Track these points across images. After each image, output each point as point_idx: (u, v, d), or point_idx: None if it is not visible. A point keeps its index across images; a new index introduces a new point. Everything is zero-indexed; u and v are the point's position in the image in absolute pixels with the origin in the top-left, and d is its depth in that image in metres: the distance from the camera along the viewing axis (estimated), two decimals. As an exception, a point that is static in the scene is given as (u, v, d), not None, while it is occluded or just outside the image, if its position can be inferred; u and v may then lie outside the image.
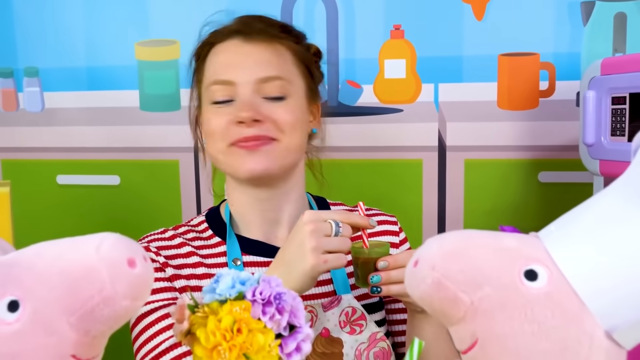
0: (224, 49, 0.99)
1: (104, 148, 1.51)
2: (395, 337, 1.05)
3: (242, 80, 0.95)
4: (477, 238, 0.50)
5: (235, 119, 0.94)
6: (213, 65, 0.99)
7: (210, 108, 0.98)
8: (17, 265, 0.48)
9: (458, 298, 0.48)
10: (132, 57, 1.47)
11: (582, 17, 1.31)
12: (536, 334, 0.46)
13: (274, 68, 0.97)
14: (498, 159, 1.36)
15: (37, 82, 1.51)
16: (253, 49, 0.97)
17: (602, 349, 0.46)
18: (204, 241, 1.01)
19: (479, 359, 0.49)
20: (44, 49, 1.50)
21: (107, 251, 0.47)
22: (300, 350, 0.57)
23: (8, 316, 0.46)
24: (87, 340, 0.48)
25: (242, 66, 0.96)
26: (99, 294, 0.46)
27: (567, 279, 0.47)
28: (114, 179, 1.52)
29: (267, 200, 1.01)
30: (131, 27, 1.47)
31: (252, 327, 0.54)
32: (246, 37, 0.98)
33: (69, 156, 1.53)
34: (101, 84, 1.49)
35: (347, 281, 1.00)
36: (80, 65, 1.49)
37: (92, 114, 1.51)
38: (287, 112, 0.96)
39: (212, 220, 1.05)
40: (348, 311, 0.95)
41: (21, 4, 1.50)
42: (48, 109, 1.52)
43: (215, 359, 0.53)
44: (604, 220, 0.48)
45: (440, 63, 1.37)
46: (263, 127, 0.94)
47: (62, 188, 1.53)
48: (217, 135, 0.96)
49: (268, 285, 0.56)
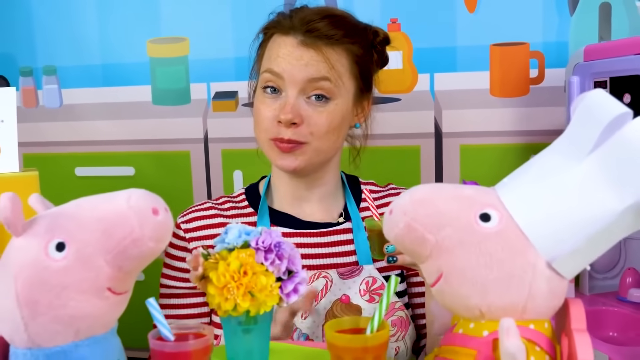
0: (282, 42, 1.05)
1: (119, 141, 1.61)
2: (415, 310, 1.13)
3: (290, 78, 1.03)
4: (441, 188, 0.61)
5: (277, 118, 1.03)
6: (271, 52, 1.07)
7: (260, 95, 1.08)
8: (62, 215, 0.60)
9: (425, 238, 0.59)
10: (144, 54, 1.57)
11: (569, 7, 1.40)
12: (488, 265, 0.58)
13: (323, 70, 1.03)
14: (492, 144, 1.45)
15: (55, 79, 1.62)
16: (306, 53, 1.03)
17: (543, 277, 0.58)
18: (239, 210, 1.14)
19: (444, 289, 0.60)
20: (61, 49, 1.60)
21: (135, 202, 0.59)
22: (297, 292, 0.69)
23: (56, 255, 0.58)
24: (120, 276, 0.60)
25: (293, 65, 1.03)
26: (130, 236, 0.58)
27: (514, 219, 0.58)
28: (128, 170, 1.62)
29: (300, 182, 1.12)
30: (143, 26, 1.57)
31: (256, 270, 0.66)
32: (304, 38, 1.04)
33: (86, 149, 1.63)
34: (115, 80, 1.59)
35: (369, 253, 1.08)
36: (95, 63, 1.60)
37: (107, 108, 1.61)
38: (325, 117, 1.04)
39: (249, 193, 1.17)
40: (368, 280, 1.04)
41: (39, 7, 1.60)
42: (66, 104, 1.63)
43: (225, 295, 0.64)
44: (546, 170, 0.59)
45: (435, 54, 1.45)
46: (297, 130, 1.03)
47: (80, 179, 1.64)
48: (261, 126, 1.06)
49: (269, 235, 0.67)
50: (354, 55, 1.07)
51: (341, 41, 1.05)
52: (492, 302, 0.58)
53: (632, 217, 0.55)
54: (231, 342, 0.69)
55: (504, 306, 0.57)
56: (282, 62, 1.04)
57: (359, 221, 1.11)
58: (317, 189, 1.13)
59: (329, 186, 1.14)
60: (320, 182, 1.13)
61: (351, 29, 1.08)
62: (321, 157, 1.08)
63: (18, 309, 0.58)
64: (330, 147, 1.08)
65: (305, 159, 1.05)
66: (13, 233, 0.59)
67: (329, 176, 1.13)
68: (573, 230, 0.56)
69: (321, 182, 1.13)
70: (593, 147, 0.57)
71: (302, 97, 1.04)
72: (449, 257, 0.59)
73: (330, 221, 1.13)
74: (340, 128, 1.08)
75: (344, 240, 1.11)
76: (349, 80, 1.07)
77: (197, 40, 1.55)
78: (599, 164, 0.56)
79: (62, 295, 0.58)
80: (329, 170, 1.13)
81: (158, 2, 1.56)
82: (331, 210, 1.14)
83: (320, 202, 1.14)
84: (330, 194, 1.14)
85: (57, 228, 0.59)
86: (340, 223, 1.12)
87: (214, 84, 1.56)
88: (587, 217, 0.56)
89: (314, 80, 1.03)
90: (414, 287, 1.14)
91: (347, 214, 1.14)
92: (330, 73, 1.04)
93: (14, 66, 1.63)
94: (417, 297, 1.13)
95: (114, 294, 0.60)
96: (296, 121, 1.02)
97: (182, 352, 0.59)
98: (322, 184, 1.13)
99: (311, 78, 1.03)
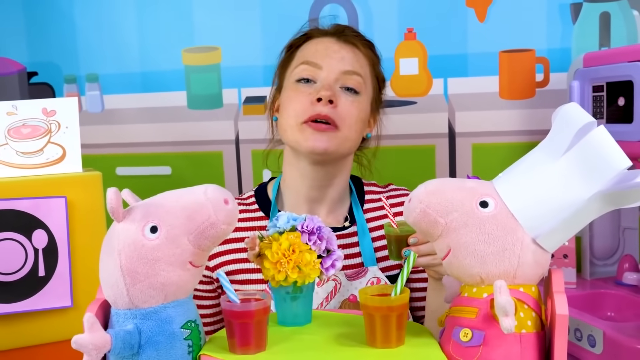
0: (318, 42, 1.20)
1: (156, 142, 1.79)
2: (413, 302, 1.26)
3: (328, 67, 1.16)
4: (449, 181, 0.81)
5: (316, 96, 1.13)
6: (306, 51, 1.20)
7: (292, 85, 1.18)
8: (153, 205, 0.80)
9: (437, 221, 0.79)
10: (180, 62, 1.75)
11: (572, 16, 1.55)
12: (487, 241, 0.77)
13: (356, 66, 1.18)
14: (501, 142, 1.61)
15: (97, 86, 1.81)
16: (342, 48, 1.18)
17: (530, 250, 0.77)
18: (250, 213, 1.25)
19: (452, 262, 0.79)
20: (103, 58, 1.79)
21: (211, 193, 0.79)
22: (334, 267, 0.88)
23: (151, 235, 0.78)
24: (198, 252, 0.80)
25: (331, 57, 1.17)
26: (207, 220, 0.78)
27: (507, 205, 0.77)
28: (165, 169, 1.80)
29: (316, 178, 1.20)
30: (178, 36, 1.75)
31: (302, 249, 0.85)
32: (339, 38, 1.20)
33: (126, 150, 1.81)
34: (153, 86, 1.77)
35: (373, 255, 1.21)
36: (134, 71, 1.78)
37: (145, 113, 1.79)
38: (355, 107, 1.16)
39: (259, 196, 1.27)
40: (373, 281, 1.18)
41: (82, 19, 1.79)
42: (107, 109, 1.82)
43: (278, 269, 0.84)
44: (532, 166, 0.78)
45: (448, 60, 1.62)
46: (334, 110, 1.13)
47: (121, 179, 1.82)
48: (294, 111, 1.15)
49: (312, 221, 0.87)
50: (374, 64, 1.24)
51: (363, 46, 1.22)
52: (489, 271, 0.77)
53: (598, 203, 0.73)
54: (281, 308, 0.89)
55: (499, 273, 0.76)
56: (320, 55, 1.17)
57: (364, 225, 1.23)
58: (329, 191, 1.22)
59: (339, 189, 1.24)
60: (334, 182, 1.22)
61: (369, 43, 1.26)
62: (345, 147, 1.17)
63: (122, 277, 0.78)
64: (355, 139, 1.18)
65: (335, 144, 1.14)
66: (116, 219, 0.79)
67: (340, 178, 1.23)
68: (552, 214, 0.75)
69: (334, 183, 1.22)
70: (567, 148, 0.75)
71: (336, 85, 1.16)
72: (456, 235, 0.78)
73: (337, 225, 1.24)
74: (363, 124, 1.20)
75: (350, 244, 1.22)
76: (369, 85, 1.22)
77: (229, 49, 1.73)
78: (572, 161, 0.75)
79: (155, 267, 0.77)
80: (342, 172, 1.22)
81: (192, 13, 1.74)
82: (337, 214, 1.25)
83: (329, 206, 1.23)
84: (339, 198, 1.25)
85: (151, 215, 0.79)
86: (346, 227, 1.23)
87: (245, 89, 1.74)
88: (563, 202, 0.75)
89: (348, 72, 1.16)
90: (415, 283, 1.25)
91: (352, 217, 1.25)
92: (362, 70, 1.18)
93: (59, 74, 1.83)
94: (418, 291, 1.25)
95: (193, 267, 0.80)
96: (333, 99, 1.13)
97: (247, 311, 0.78)
98: (335, 185, 1.22)
99: (346, 70, 1.16)
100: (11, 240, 1.13)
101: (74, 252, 1.17)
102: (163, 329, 0.78)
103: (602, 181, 0.73)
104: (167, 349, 0.78)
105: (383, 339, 0.79)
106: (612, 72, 1.29)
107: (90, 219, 1.20)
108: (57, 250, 1.15)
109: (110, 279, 0.79)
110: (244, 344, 0.79)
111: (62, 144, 1.26)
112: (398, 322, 0.78)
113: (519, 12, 1.58)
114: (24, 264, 1.14)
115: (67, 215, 1.16)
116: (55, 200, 1.16)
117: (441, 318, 0.83)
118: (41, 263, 1.14)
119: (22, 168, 1.22)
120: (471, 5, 1.60)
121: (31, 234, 1.14)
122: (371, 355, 0.77)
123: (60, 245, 1.16)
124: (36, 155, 1.24)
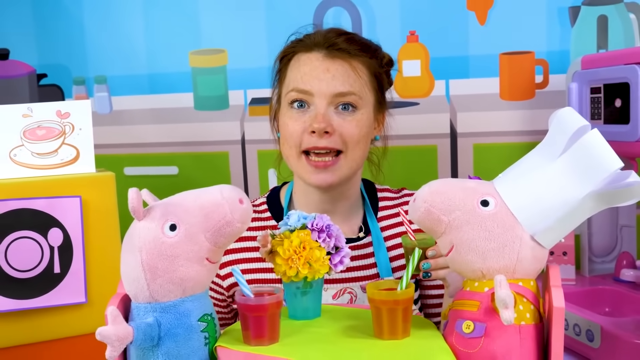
0: (306, 60, 1.14)
1: (163, 143, 1.83)
2: (430, 309, 1.27)
3: (319, 92, 1.12)
4: (451, 182, 0.86)
5: (309, 129, 1.11)
6: (295, 72, 1.15)
7: (287, 111, 1.15)
8: (172, 204, 0.85)
9: (440, 219, 0.84)
10: (187, 64, 1.80)
11: (570, 19, 1.60)
12: (488, 238, 0.82)
13: (349, 84, 1.12)
14: (502, 142, 1.65)
15: (105, 88, 1.85)
16: (332, 65, 1.12)
17: (528, 246, 0.82)
18: (262, 222, 1.25)
19: (455, 258, 0.85)
20: (111, 60, 1.84)
21: (227, 193, 0.84)
22: (342, 263, 0.94)
23: (170, 233, 0.83)
24: (215, 249, 0.85)
25: (321, 79, 1.12)
26: (224, 219, 0.83)
27: (506, 204, 0.82)
28: (172, 169, 1.84)
29: (325, 196, 1.20)
30: (185, 39, 1.79)
31: (312, 246, 0.90)
32: (328, 52, 1.13)
33: (134, 151, 1.85)
34: (160, 88, 1.82)
35: (389, 266, 1.20)
36: (142, 73, 1.82)
37: (153, 114, 1.83)
38: (354, 126, 1.13)
39: (271, 203, 1.27)
40: None
41: (91, 22, 1.84)
42: (115, 110, 1.86)
43: (290, 264, 0.89)
44: (529, 167, 0.84)
45: (449, 62, 1.66)
46: (331, 139, 1.11)
47: (129, 178, 1.87)
48: (291, 141, 1.14)
49: (321, 219, 0.92)
50: (373, 68, 1.19)
51: (360, 54, 1.17)
52: (490, 266, 0.82)
53: (592, 202, 0.79)
54: (292, 302, 0.94)
55: (499, 268, 0.81)
56: (309, 79, 1.13)
57: (379, 235, 1.22)
58: (341, 203, 1.22)
59: (352, 199, 1.24)
60: (346, 195, 1.22)
61: (365, 45, 1.20)
62: (353, 168, 1.17)
63: (143, 273, 0.83)
64: (361, 156, 1.18)
65: (340, 174, 1.14)
66: (137, 218, 0.84)
67: (352, 190, 1.23)
68: (549, 212, 0.80)
69: (346, 196, 1.22)
70: (563, 151, 0.81)
71: (330, 108, 1.13)
72: (458, 233, 0.83)
73: (352, 236, 1.23)
74: (367, 137, 1.18)
75: (365, 254, 1.22)
76: (369, 92, 1.18)
77: (235, 51, 1.78)
78: (567, 162, 0.80)
79: (174, 263, 0.83)
80: (353, 184, 1.22)
81: (199, 16, 1.78)
82: (352, 225, 1.25)
83: (343, 217, 1.22)
84: (353, 208, 1.25)
85: (170, 214, 0.84)
86: (361, 238, 1.23)
87: (251, 90, 1.78)
88: (559, 202, 0.80)
89: (341, 94, 1.13)
90: (430, 290, 1.27)
91: (366, 227, 1.24)
92: (356, 84, 1.13)
93: (68, 76, 1.88)
94: (433, 298, 1.26)
95: (210, 263, 0.85)
96: (329, 130, 1.11)
97: (261, 304, 0.84)
98: (347, 197, 1.22)
99: (338, 93, 1.12)
100: (28, 239, 1.17)
101: (88, 249, 1.21)
102: (181, 322, 0.83)
103: (595, 181, 0.78)
104: (185, 341, 0.83)
105: (390, 331, 0.84)
106: (610, 75, 1.33)
107: (104, 218, 1.24)
108: (72, 248, 1.19)
109: (131, 274, 0.84)
110: (258, 336, 0.84)
111: (76, 145, 1.30)
112: (404, 315, 0.84)
113: (518, 15, 1.62)
114: (40, 262, 1.18)
115: (82, 214, 1.21)
116: (70, 199, 1.21)
117: (445, 311, 0.88)
118: (57, 260, 1.18)
119: (37, 169, 1.26)
120: (472, 9, 1.64)
121: (47, 233, 1.18)
122: (379, 346, 0.82)
123: (75, 243, 1.20)
124: (51, 156, 1.28)
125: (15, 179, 1.23)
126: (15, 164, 1.25)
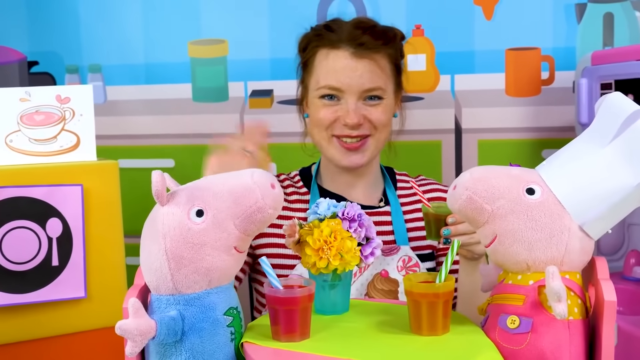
0: (335, 57, 1.22)
1: (160, 135, 1.77)
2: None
3: (349, 89, 1.21)
4: (495, 169, 0.80)
5: (342, 121, 1.21)
6: (324, 69, 1.24)
7: (317, 101, 1.24)
8: (198, 188, 0.78)
9: (483, 208, 0.78)
10: (185, 54, 1.73)
11: (576, 16, 1.58)
12: (534, 228, 0.76)
13: (375, 80, 1.22)
14: (507, 139, 1.63)
15: (100, 77, 1.78)
16: (360, 63, 1.21)
17: (577, 237, 0.76)
18: (295, 188, 1.33)
19: (498, 249, 0.79)
20: (106, 48, 1.76)
21: (258, 178, 0.77)
22: (374, 254, 0.87)
23: (197, 219, 0.76)
24: (244, 237, 0.78)
25: (350, 77, 1.21)
26: (255, 205, 0.76)
27: (553, 192, 0.77)
28: (169, 162, 1.78)
29: (350, 171, 1.28)
30: (184, 28, 1.73)
31: (343, 236, 0.84)
32: (355, 50, 1.21)
33: (129, 142, 1.78)
34: (158, 78, 1.75)
35: (406, 235, 1.27)
36: (139, 62, 1.76)
37: (149, 105, 1.77)
38: (381, 113, 1.23)
39: (303, 175, 1.36)
40: (405, 258, 1.22)
41: (86, 8, 1.76)
42: (110, 101, 1.79)
43: (320, 255, 0.83)
44: (577, 153, 0.78)
45: (455, 57, 1.63)
46: (362, 127, 1.22)
47: (123, 171, 1.75)
48: (321, 126, 1.24)
49: (352, 208, 0.86)
50: (392, 58, 1.27)
51: (383, 48, 1.24)
52: (537, 257, 0.76)
53: (645, 191, 0.74)
54: (319, 296, 0.87)
55: (546, 260, 0.76)
56: (339, 77, 1.21)
57: (398, 206, 1.29)
58: (363, 177, 1.31)
59: (373, 175, 1.33)
60: (367, 171, 1.31)
61: (386, 36, 1.26)
62: (379, 148, 1.28)
63: (166, 262, 0.75)
64: (386, 137, 1.28)
65: (369, 154, 1.25)
66: (160, 202, 0.77)
67: (373, 167, 1.33)
68: (598, 201, 0.75)
69: (368, 171, 1.31)
70: (613, 137, 0.75)
71: (359, 101, 1.23)
72: (502, 222, 0.77)
73: (372, 204, 1.30)
74: (391, 118, 1.28)
75: (384, 222, 1.28)
76: (391, 81, 1.27)
77: (236, 42, 1.72)
78: (618, 149, 0.75)
79: (201, 251, 0.75)
80: (374, 162, 1.32)
81: (199, 5, 1.72)
82: (372, 196, 1.32)
83: (364, 189, 1.32)
84: (373, 182, 1.33)
85: (197, 198, 0.77)
86: (381, 207, 1.30)
87: (251, 82, 1.73)
88: (609, 190, 0.75)
89: (368, 90, 1.22)
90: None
91: (386, 199, 1.32)
92: (381, 79, 1.23)
93: (60, 64, 1.79)
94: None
95: (237, 252, 0.78)
96: (361, 122, 1.22)
97: (293, 297, 0.77)
98: (368, 173, 1.32)
99: (366, 89, 1.22)
100: (24, 229, 1.10)
101: (89, 241, 1.14)
102: (206, 316, 0.76)
103: (650, 169, 0.73)
104: (211, 336, 0.76)
105: (429, 326, 0.78)
106: (621, 70, 1.31)
107: (106, 209, 1.17)
108: (72, 239, 1.13)
109: (153, 263, 0.76)
110: (288, 331, 0.77)
111: (77, 132, 1.23)
112: (444, 309, 0.78)
113: (525, 11, 1.60)
114: (37, 253, 1.11)
115: (83, 203, 1.14)
116: (71, 188, 1.14)
117: (482, 306, 0.83)
118: (55, 252, 1.12)
119: (35, 155, 1.19)
120: (479, 3, 1.62)
121: (45, 223, 1.11)
122: (418, 342, 0.76)
123: (75, 235, 1.13)
124: (49, 142, 1.21)
125: (12, 165, 1.15)
126: (11, 150, 1.19)
